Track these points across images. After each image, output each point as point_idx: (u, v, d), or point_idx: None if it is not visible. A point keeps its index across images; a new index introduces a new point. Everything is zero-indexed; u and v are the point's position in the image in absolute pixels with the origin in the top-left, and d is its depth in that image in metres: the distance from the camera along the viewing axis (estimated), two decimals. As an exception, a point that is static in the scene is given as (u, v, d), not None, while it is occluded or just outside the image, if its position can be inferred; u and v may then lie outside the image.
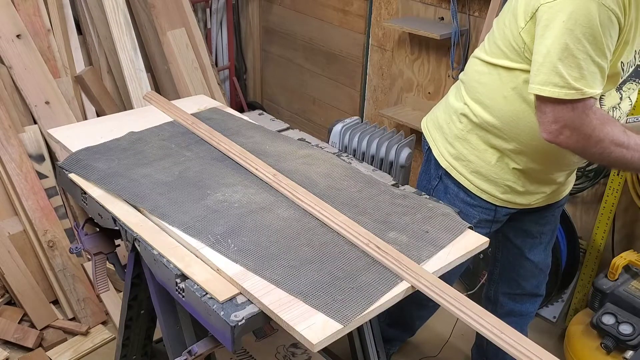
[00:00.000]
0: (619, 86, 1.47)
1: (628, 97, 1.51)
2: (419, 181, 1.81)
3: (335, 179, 1.54)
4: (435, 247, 1.30)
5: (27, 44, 2.39)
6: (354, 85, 3.25)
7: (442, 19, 2.65)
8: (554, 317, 2.55)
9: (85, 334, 2.31)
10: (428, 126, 1.75)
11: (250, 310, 1.12)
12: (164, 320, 1.39)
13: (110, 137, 1.67)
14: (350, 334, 1.68)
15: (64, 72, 2.52)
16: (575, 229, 2.41)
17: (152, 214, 1.35)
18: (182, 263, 1.22)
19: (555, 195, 1.72)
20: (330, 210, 1.37)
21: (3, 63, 2.35)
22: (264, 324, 1.29)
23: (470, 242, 1.34)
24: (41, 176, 2.37)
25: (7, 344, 2.21)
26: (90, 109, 2.62)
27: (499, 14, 1.53)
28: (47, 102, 2.42)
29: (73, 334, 2.32)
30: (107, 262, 1.65)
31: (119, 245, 1.64)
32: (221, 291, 1.14)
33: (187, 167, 1.54)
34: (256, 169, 1.52)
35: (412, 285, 1.18)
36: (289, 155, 1.63)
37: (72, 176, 1.51)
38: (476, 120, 1.57)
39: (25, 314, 2.29)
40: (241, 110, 3.49)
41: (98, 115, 2.58)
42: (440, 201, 1.51)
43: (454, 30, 2.52)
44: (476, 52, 1.59)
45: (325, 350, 1.96)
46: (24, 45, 2.38)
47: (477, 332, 1.18)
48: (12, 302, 2.34)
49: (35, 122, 2.42)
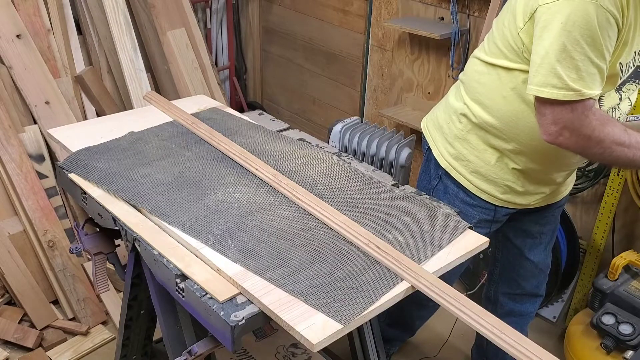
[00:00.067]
0: (619, 87, 1.47)
1: (627, 98, 1.51)
2: (419, 181, 1.81)
3: (335, 179, 1.54)
4: (435, 247, 1.30)
5: (27, 44, 2.39)
6: (354, 85, 3.25)
7: (442, 19, 2.65)
8: (554, 317, 2.55)
9: (85, 334, 2.31)
10: (428, 126, 1.75)
11: (250, 310, 1.12)
12: (164, 320, 1.39)
13: (110, 137, 1.67)
14: (350, 334, 1.68)
15: (64, 72, 2.52)
16: (575, 229, 2.41)
17: (152, 214, 1.35)
18: (182, 263, 1.22)
19: (554, 195, 1.72)
20: (330, 210, 1.37)
21: (3, 63, 2.35)
22: (264, 324, 1.29)
23: (470, 242, 1.34)
24: (41, 176, 2.37)
25: (7, 344, 2.21)
26: (90, 109, 2.62)
27: (498, 14, 1.53)
28: (47, 102, 2.42)
29: (73, 334, 2.32)
30: (107, 262, 1.65)
31: (119, 245, 1.64)
32: (221, 291, 1.14)
33: (187, 167, 1.54)
34: (256, 169, 1.52)
35: (412, 285, 1.18)
36: (289, 155, 1.63)
37: (72, 176, 1.51)
38: (476, 121, 1.57)
39: (25, 314, 2.29)
40: (241, 110, 3.49)
41: (98, 115, 2.58)
42: (440, 201, 1.51)
43: (454, 30, 2.52)
44: (476, 52, 1.59)
45: (325, 350, 1.96)
46: (24, 45, 2.38)
47: (477, 332, 1.18)
48: (12, 302, 2.34)
49: (35, 122, 2.42)
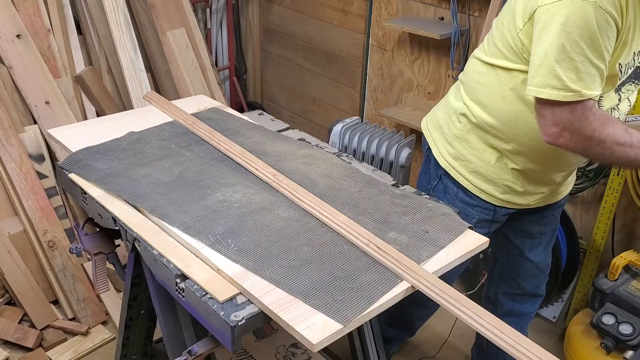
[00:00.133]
0: (618, 87, 1.46)
1: (627, 98, 1.51)
2: (419, 181, 1.81)
3: (335, 179, 1.54)
4: (435, 247, 1.30)
5: (27, 44, 2.39)
6: (354, 85, 3.25)
7: (442, 19, 2.65)
8: (554, 317, 2.55)
9: (85, 334, 2.31)
10: (428, 126, 1.75)
11: (250, 310, 1.12)
12: (164, 320, 1.39)
13: (110, 137, 1.67)
14: (350, 334, 1.68)
15: (64, 72, 2.52)
16: (575, 229, 2.41)
17: (152, 214, 1.35)
18: (182, 263, 1.22)
19: (554, 195, 1.72)
20: (330, 210, 1.37)
21: (3, 63, 2.35)
22: (264, 324, 1.29)
23: (470, 242, 1.34)
24: (41, 176, 2.37)
25: (7, 344, 2.21)
26: (90, 109, 2.62)
27: (498, 15, 1.53)
28: (47, 102, 2.42)
29: (73, 334, 2.32)
30: (107, 262, 1.65)
31: (119, 245, 1.64)
32: (221, 291, 1.14)
33: (187, 167, 1.54)
34: (256, 169, 1.52)
35: (412, 285, 1.18)
36: (289, 155, 1.63)
37: (72, 176, 1.51)
38: (475, 121, 1.57)
39: (25, 314, 2.29)
40: (241, 110, 3.49)
41: (98, 115, 2.58)
42: (440, 201, 1.51)
43: (454, 30, 2.52)
44: (475, 53, 1.59)
45: (325, 350, 1.96)
46: (24, 45, 2.38)
47: (477, 332, 1.18)
48: (12, 302, 2.34)
49: (35, 122, 2.42)
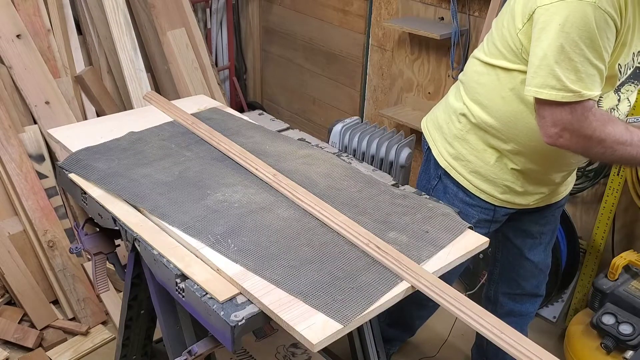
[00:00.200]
0: (617, 88, 1.46)
1: (627, 99, 1.51)
2: (419, 181, 1.81)
3: (335, 179, 1.54)
4: (435, 247, 1.30)
5: (27, 44, 2.39)
6: (354, 85, 3.25)
7: (442, 19, 2.65)
8: (554, 317, 2.55)
9: (85, 334, 2.31)
10: (428, 126, 1.75)
11: (250, 310, 1.12)
12: (164, 320, 1.39)
13: (110, 137, 1.67)
14: (350, 334, 1.68)
15: (64, 72, 2.52)
16: (575, 229, 2.41)
17: (152, 214, 1.35)
18: (182, 263, 1.22)
19: (554, 195, 1.72)
20: (330, 210, 1.37)
21: (3, 63, 2.35)
22: (264, 324, 1.29)
23: (470, 242, 1.34)
24: (41, 176, 2.37)
25: (7, 344, 2.21)
26: (90, 109, 2.62)
27: (498, 15, 1.53)
28: (47, 102, 2.42)
29: (73, 334, 2.32)
30: (107, 262, 1.65)
31: (119, 245, 1.64)
32: (221, 291, 1.14)
33: (187, 167, 1.54)
34: (256, 169, 1.52)
35: (412, 285, 1.18)
36: (289, 155, 1.63)
37: (72, 176, 1.51)
38: (475, 121, 1.57)
39: (25, 314, 2.29)
40: (241, 110, 3.49)
41: (98, 115, 2.58)
42: (440, 201, 1.51)
43: (454, 30, 2.52)
44: (475, 53, 1.59)
45: (325, 350, 1.96)
46: (24, 45, 2.38)
47: (477, 332, 1.18)
48: (12, 302, 2.34)
49: (35, 122, 2.42)
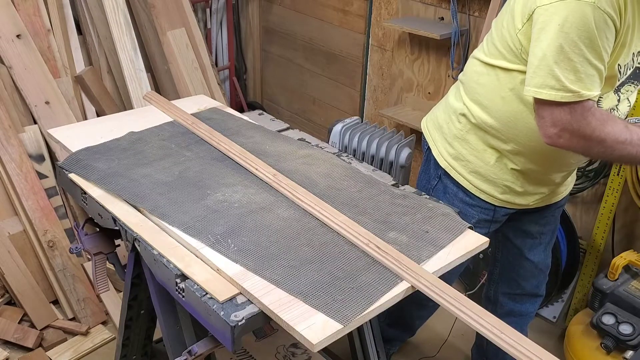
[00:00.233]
0: (617, 88, 1.46)
1: (627, 99, 1.51)
2: (419, 181, 1.81)
3: (335, 179, 1.54)
4: (435, 247, 1.30)
5: (27, 44, 2.39)
6: (354, 85, 3.25)
7: (442, 19, 2.65)
8: (554, 317, 2.55)
9: (85, 334, 2.31)
10: (428, 126, 1.75)
11: (250, 310, 1.12)
12: (164, 320, 1.39)
13: (110, 137, 1.67)
14: (350, 334, 1.68)
15: (64, 72, 2.52)
16: (575, 229, 2.41)
17: (152, 214, 1.35)
18: (182, 263, 1.22)
19: (554, 195, 1.72)
20: (330, 210, 1.37)
21: (3, 63, 2.35)
22: (264, 324, 1.29)
23: (470, 242, 1.34)
24: (41, 176, 2.37)
25: (7, 344, 2.21)
26: (90, 109, 2.62)
27: (497, 15, 1.53)
28: (47, 102, 2.42)
29: (73, 334, 2.32)
30: (107, 262, 1.65)
31: (119, 245, 1.64)
32: (221, 291, 1.14)
33: (187, 167, 1.54)
34: (256, 169, 1.52)
35: (412, 285, 1.18)
36: (289, 155, 1.63)
37: (72, 176, 1.51)
38: (475, 121, 1.57)
39: (25, 314, 2.29)
40: (241, 110, 3.49)
41: (98, 115, 2.58)
42: (440, 201, 1.51)
43: (454, 30, 2.52)
44: (475, 53, 1.59)
45: (325, 350, 1.96)
46: (24, 45, 2.38)
47: (477, 332, 1.18)
48: (12, 302, 2.34)
49: (35, 122, 2.42)
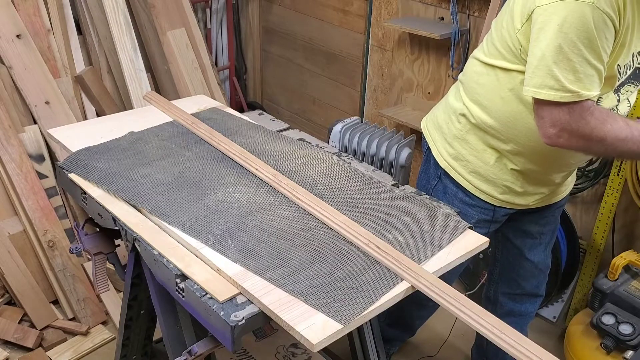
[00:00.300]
0: (617, 88, 1.46)
1: (627, 99, 1.51)
2: (419, 181, 1.81)
3: (335, 179, 1.54)
4: (435, 247, 1.30)
5: (27, 44, 2.39)
6: (354, 85, 3.25)
7: (442, 19, 2.65)
8: (554, 317, 2.55)
9: (85, 334, 2.31)
10: (428, 126, 1.75)
11: (250, 310, 1.12)
12: (164, 320, 1.39)
13: (110, 137, 1.67)
14: (350, 334, 1.68)
15: (64, 72, 2.52)
16: (575, 229, 2.41)
17: (152, 214, 1.35)
18: (182, 263, 1.22)
19: (554, 196, 1.72)
20: (330, 210, 1.37)
21: (3, 63, 2.35)
22: (264, 324, 1.29)
23: (470, 242, 1.34)
24: (41, 176, 2.37)
25: (7, 344, 2.21)
26: (90, 109, 2.62)
27: (497, 15, 1.53)
28: (47, 102, 2.42)
29: (73, 334, 2.32)
30: (107, 262, 1.65)
31: (119, 245, 1.64)
32: (221, 291, 1.14)
33: (187, 167, 1.54)
34: (256, 169, 1.52)
35: (412, 285, 1.18)
36: (289, 155, 1.63)
37: (72, 176, 1.51)
38: (474, 121, 1.57)
39: (25, 314, 2.29)
40: (241, 110, 3.49)
41: (98, 115, 2.58)
42: (440, 201, 1.51)
43: (454, 30, 2.52)
44: (475, 53, 1.59)
45: (325, 350, 1.96)
46: (24, 45, 2.38)
47: (477, 332, 1.18)
48: (12, 302, 2.34)
49: (35, 122, 2.42)
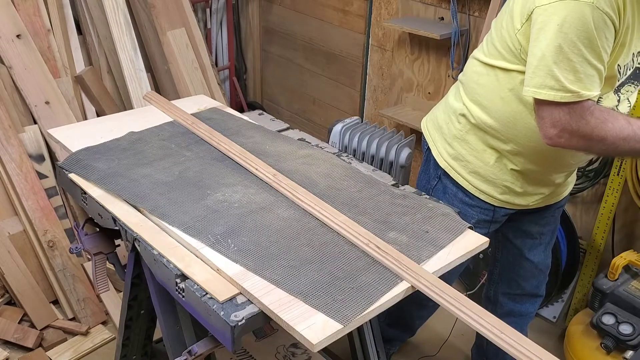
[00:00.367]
0: (617, 88, 1.46)
1: (627, 99, 1.51)
2: (419, 181, 1.81)
3: (335, 179, 1.54)
4: (435, 247, 1.30)
5: (27, 44, 2.39)
6: (354, 85, 3.25)
7: (442, 19, 2.65)
8: (554, 317, 2.55)
9: (85, 334, 2.31)
10: (428, 126, 1.75)
11: (250, 310, 1.12)
12: (164, 320, 1.39)
13: (110, 137, 1.67)
14: (350, 334, 1.68)
15: (64, 72, 2.52)
16: (575, 229, 2.41)
17: (152, 214, 1.35)
18: (182, 263, 1.22)
19: (554, 196, 1.72)
20: (330, 210, 1.37)
21: (3, 63, 2.35)
22: (264, 324, 1.29)
23: (470, 242, 1.34)
24: (41, 176, 2.37)
25: (7, 344, 2.21)
26: (90, 109, 2.62)
27: (497, 15, 1.53)
28: (47, 102, 2.42)
29: (73, 334, 2.32)
30: (107, 262, 1.65)
31: (119, 245, 1.64)
32: (221, 291, 1.14)
33: (187, 167, 1.54)
34: (256, 169, 1.52)
35: (412, 285, 1.18)
36: (289, 155, 1.63)
37: (72, 176, 1.51)
38: (474, 121, 1.57)
39: (25, 314, 2.29)
40: (241, 110, 3.49)
41: (98, 115, 2.58)
42: (440, 201, 1.51)
43: (454, 30, 2.52)
44: (475, 53, 1.59)
45: (325, 350, 1.96)
46: (24, 45, 2.38)
47: (477, 332, 1.18)
48: (12, 302, 2.34)
49: (35, 122, 2.42)
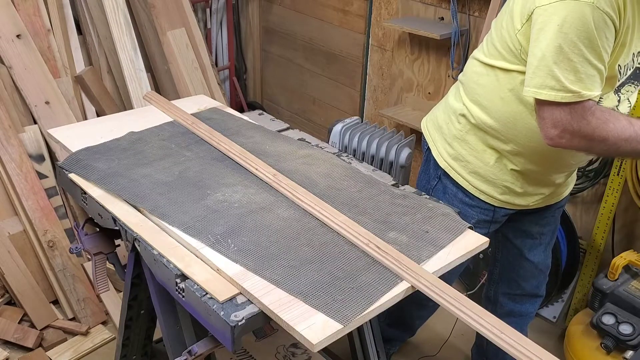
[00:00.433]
0: (617, 88, 1.46)
1: (627, 99, 1.51)
2: (419, 181, 1.81)
3: (335, 179, 1.54)
4: (435, 247, 1.30)
5: (27, 44, 2.39)
6: (354, 85, 3.25)
7: (442, 19, 2.65)
8: (554, 317, 2.55)
9: (85, 334, 2.31)
10: (428, 126, 1.75)
11: (250, 310, 1.12)
12: (164, 320, 1.39)
13: (110, 137, 1.67)
14: (350, 334, 1.68)
15: (64, 72, 2.52)
16: (575, 229, 2.41)
17: (152, 214, 1.35)
18: (182, 263, 1.22)
19: (554, 196, 1.72)
20: (330, 210, 1.37)
21: (3, 63, 2.35)
22: (264, 324, 1.29)
23: (470, 242, 1.34)
24: (41, 176, 2.37)
25: (7, 344, 2.21)
26: (90, 109, 2.62)
27: (497, 16, 1.53)
28: (47, 102, 2.42)
29: (73, 334, 2.32)
30: (107, 262, 1.65)
31: (119, 245, 1.64)
32: (221, 291, 1.14)
33: (187, 167, 1.54)
34: (256, 169, 1.52)
35: (412, 285, 1.18)
36: (289, 155, 1.63)
37: (72, 176, 1.51)
38: (474, 121, 1.57)
39: (25, 314, 2.29)
40: (241, 110, 3.49)
41: (98, 115, 2.58)
42: (440, 201, 1.51)
43: (454, 30, 2.52)
44: (475, 53, 1.59)
45: (325, 350, 1.96)
46: (24, 45, 2.38)
47: (477, 332, 1.18)
48: (12, 302, 2.34)
49: (35, 122, 2.42)
